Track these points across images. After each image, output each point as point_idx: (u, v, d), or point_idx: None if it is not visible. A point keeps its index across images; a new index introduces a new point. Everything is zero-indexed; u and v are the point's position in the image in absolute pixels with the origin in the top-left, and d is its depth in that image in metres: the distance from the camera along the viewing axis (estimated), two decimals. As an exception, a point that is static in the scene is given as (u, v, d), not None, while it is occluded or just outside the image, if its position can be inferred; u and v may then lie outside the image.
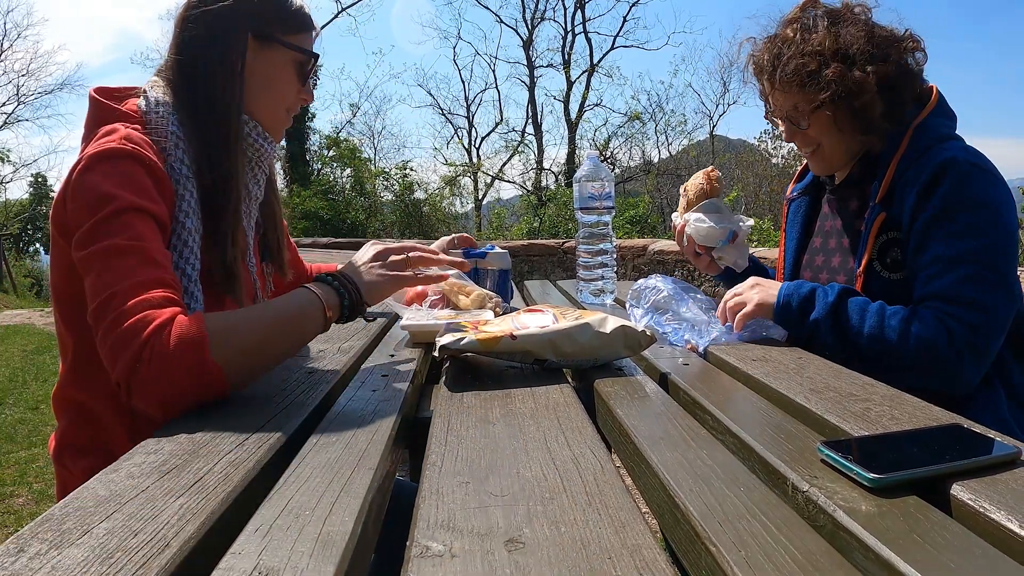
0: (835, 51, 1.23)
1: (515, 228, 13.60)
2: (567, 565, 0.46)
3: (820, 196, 1.48)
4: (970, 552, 0.48)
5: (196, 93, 1.09)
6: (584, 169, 1.61)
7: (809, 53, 1.24)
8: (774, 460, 0.65)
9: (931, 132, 1.23)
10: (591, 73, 19.71)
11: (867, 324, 1.14)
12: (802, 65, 1.24)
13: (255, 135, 1.16)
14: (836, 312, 1.16)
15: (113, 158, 0.95)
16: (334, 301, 0.98)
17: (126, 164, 0.96)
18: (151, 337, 0.81)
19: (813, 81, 1.23)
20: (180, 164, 1.04)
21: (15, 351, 5.64)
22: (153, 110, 1.06)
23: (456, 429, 0.75)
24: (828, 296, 1.18)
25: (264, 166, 1.22)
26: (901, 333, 1.11)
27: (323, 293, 0.97)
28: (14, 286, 16.02)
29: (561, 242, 6.44)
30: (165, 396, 0.81)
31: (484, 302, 1.33)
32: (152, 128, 1.05)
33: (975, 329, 1.10)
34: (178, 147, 1.05)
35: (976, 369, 1.13)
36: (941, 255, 1.14)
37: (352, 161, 15.28)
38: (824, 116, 1.27)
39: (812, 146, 1.33)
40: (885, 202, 1.24)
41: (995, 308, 1.12)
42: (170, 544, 0.49)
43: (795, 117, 1.31)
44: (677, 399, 0.90)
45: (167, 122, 1.06)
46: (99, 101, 1.08)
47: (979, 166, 1.16)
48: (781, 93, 1.30)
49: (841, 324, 1.15)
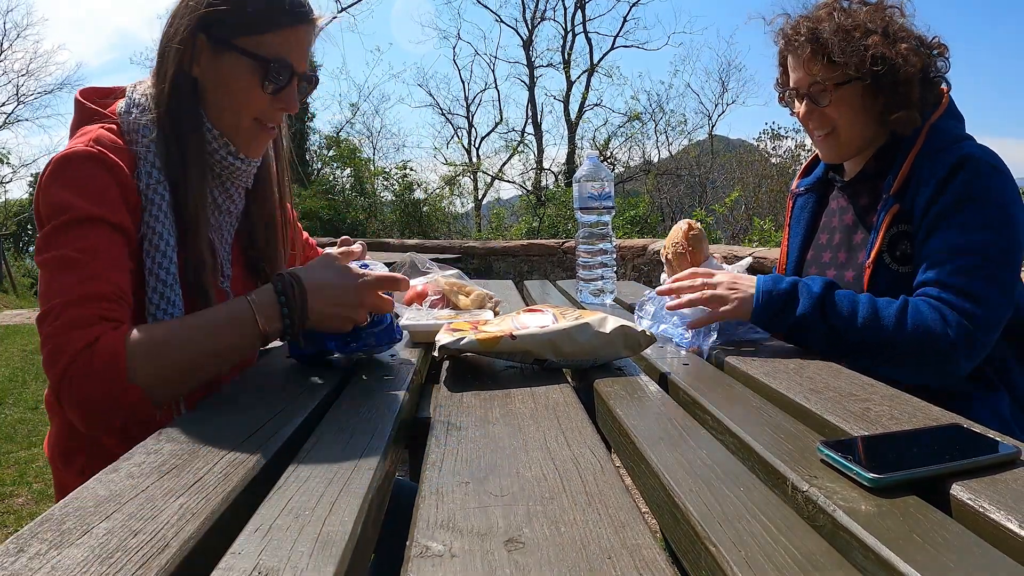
0: (877, 26, 1.23)
1: (515, 228, 13.59)
2: (567, 565, 0.46)
3: (827, 193, 1.47)
4: (970, 552, 0.48)
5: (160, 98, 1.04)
6: (584, 169, 1.61)
7: (850, 25, 1.23)
8: (774, 460, 0.65)
9: (946, 133, 1.23)
10: (591, 73, 19.71)
11: (860, 315, 1.10)
12: (843, 31, 1.22)
13: (219, 148, 1.08)
14: (823, 304, 1.11)
15: (76, 161, 0.94)
16: (272, 314, 0.91)
17: (88, 167, 0.94)
18: (74, 358, 0.83)
19: (854, 48, 1.21)
20: (151, 168, 1.01)
21: (15, 351, 5.64)
22: (128, 112, 1.04)
23: (456, 429, 0.75)
24: (813, 288, 1.13)
25: (239, 181, 1.15)
26: (897, 321, 1.09)
27: (260, 305, 0.91)
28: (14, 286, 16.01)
29: (561, 242, 6.44)
30: (86, 415, 0.84)
31: (484, 302, 1.33)
32: (126, 131, 1.02)
33: (970, 317, 1.09)
34: (150, 151, 1.01)
35: (969, 359, 1.11)
36: (945, 245, 1.15)
37: (352, 161, 15.27)
38: (850, 93, 1.25)
39: (827, 128, 1.31)
40: (899, 195, 1.23)
41: (988, 301, 1.11)
42: (170, 544, 0.49)
43: (817, 93, 1.28)
44: (677, 399, 0.90)
45: (139, 125, 1.02)
46: (83, 104, 1.07)
47: (996, 167, 1.17)
48: (808, 64, 1.27)
49: (830, 317, 1.11)
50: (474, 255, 6.65)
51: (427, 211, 14.22)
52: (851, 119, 1.28)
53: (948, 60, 1.28)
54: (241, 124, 1.08)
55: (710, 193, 14.19)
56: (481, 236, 13.50)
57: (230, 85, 1.05)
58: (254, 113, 1.07)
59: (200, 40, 1.03)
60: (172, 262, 1.00)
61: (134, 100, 1.05)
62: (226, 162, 1.10)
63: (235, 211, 1.17)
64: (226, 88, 1.05)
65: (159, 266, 0.99)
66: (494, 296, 1.36)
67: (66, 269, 0.88)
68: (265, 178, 1.22)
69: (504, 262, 6.57)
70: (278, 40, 1.04)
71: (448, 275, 1.43)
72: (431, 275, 1.44)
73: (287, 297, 0.92)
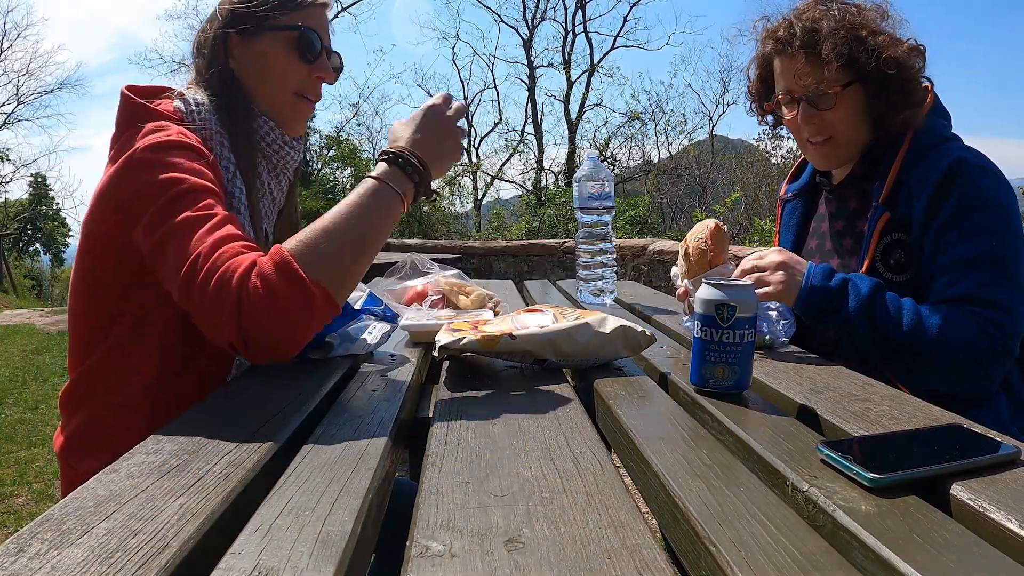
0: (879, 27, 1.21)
1: (514, 228, 13.59)
2: (567, 565, 0.46)
3: (815, 198, 1.46)
4: (970, 552, 0.48)
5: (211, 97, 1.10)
6: (584, 169, 1.61)
7: (857, 23, 1.19)
8: (774, 460, 0.65)
9: (932, 133, 1.22)
10: (591, 73, 19.72)
11: (905, 321, 1.09)
12: (852, 29, 1.18)
13: (272, 136, 1.15)
14: (871, 307, 1.10)
15: (175, 148, 0.98)
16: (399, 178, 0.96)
17: (187, 154, 0.98)
18: (242, 281, 0.82)
19: (865, 48, 1.17)
20: (227, 163, 1.07)
21: (15, 351, 5.64)
22: (195, 111, 1.08)
23: (456, 429, 0.75)
24: (861, 290, 1.11)
25: (287, 170, 1.21)
26: (940, 331, 1.07)
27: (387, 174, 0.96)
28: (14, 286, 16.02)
29: (561, 242, 6.43)
30: (280, 332, 0.84)
31: (484, 302, 1.33)
32: (197, 128, 1.06)
33: (1003, 329, 1.10)
34: (223, 145, 1.07)
35: (1002, 369, 1.12)
36: (961, 257, 1.13)
37: (352, 161, 15.29)
38: (855, 95, 1.22)
39: (826, 134, 1.26)
40: (889, 203, 1.22)
41: (1012, 309, 1.11)
42: (170, 544, 0.49)
43: (819, 96, 1.22)
44: (677, 399, 0.90)
45: (210, 122, 1.07)
46: (131, 99, 1.09)
47: (986, 168, 1.17)
48: (810, 64, 1.21)
49: (877, 321, 1.09)
50: (474, 255, 6.64)
51: (427, 211, 14.22)
52: (852, 123, 1.25)
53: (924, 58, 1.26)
54: (284, 100, 1.14)
55: (710, 193, 14.18)
56: (481, 236, 13.49)
57: (268, 63, 1.12)
58: (294, 86, 1.14)
59: (232, 38, 1.10)
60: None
61: (195, 99, 1.09)
62: (276, 146, 1.15)
63: (280, 200, 1.23)
64: (264, 67, 1.12)
65: None
66: (494, 296, 1.36)
67: (195, 227, 0.90)
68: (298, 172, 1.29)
69: (504, 262, 6.57)
70: (303, 15, 1.12)
71: (448, 275, 1.43)
72: (431, 275, 1.44)
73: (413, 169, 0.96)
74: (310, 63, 1.13)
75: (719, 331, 0.84)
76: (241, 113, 1.11)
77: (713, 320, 0.85)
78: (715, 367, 0.85)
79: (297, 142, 1.20)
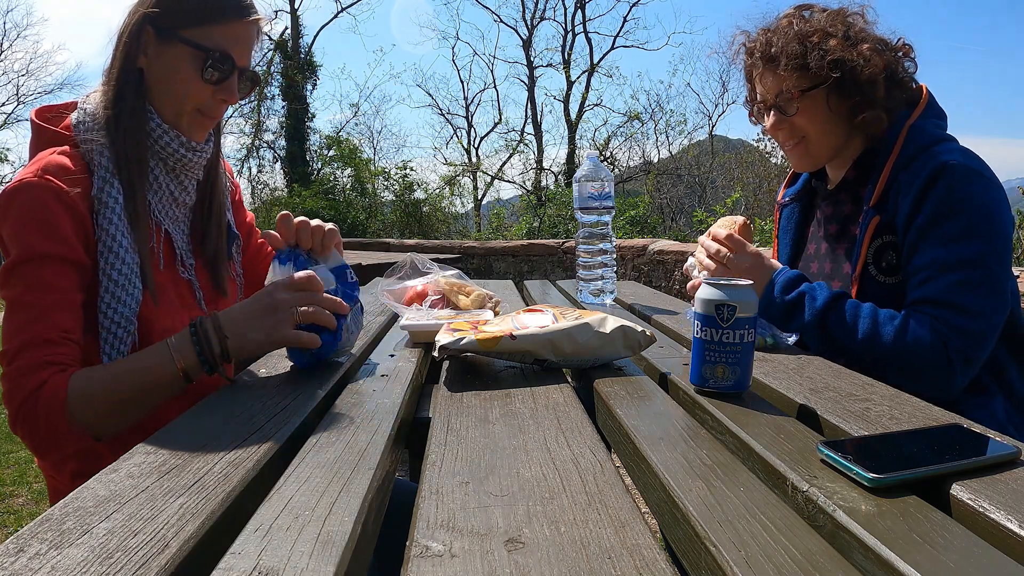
0: (837, 30, 1.23)
1: (515, 228, 13.58)
2: (567, 565, 0.46)
3: (812, 202, 1.47)
4: (970, 552, 0.48)
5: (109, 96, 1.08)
6: (584, 169, 1.61)
7: (809, 31, 1.24)
8: (774, 460, 0.65)
9: (925, 134, 1.22)
10: (591, 73, 19.71)
11: (860, 329, 1.14)
12: (802, 38, 1.23)
13: (167, 139, 1.11)
14: (825, 319, 1.17)
15: (23, 192, 0.98)
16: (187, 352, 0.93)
17: (36, 198, 0.98)
18: (23, 401, 0.92)
19: (815, 54, 1.21)
20: (105, 172, 1.04)
21: (15, 351, 5.64)
22: (80, 123, 1.07)
23: (456, 429, 0.75)
24: (817, 302, 1.18)
25: (192, 171, 1.18)
26: (895, 338, 1.12)
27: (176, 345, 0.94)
28: (14, 286, 16.00)
29: (561, 242, 6.43)
30: (37, 448, 0.96)
31: (484, 302, 1.33)
32: (81, 141, 1.05)
33: (966, 334, 1.10)
34: (103, 155, 1.05)
35: (965, 374, 1.13)
36: (934, 259, 1.14)
37: (352, 161, 15.28)
38: (816, 99, 1.25)
39: (797, 137, 1.31)
40: (879, 206, 1.23)
41: (985, 313, 1.12)
42: (170, 544, 0.49)
43: (784, 103, 1.28)
44: (677, 399, 0.90)
45: (92, 133, 1.06)
46: (38, 125, 1.09)
47: (974, 170, 1.15)
48: (772, 75, 1.28)
49: (831, 331, 1.17)
50: (474, 255, 6.64)
51: (427, 211, 14.21)
52: (820, 126, 1.28)
53: (915, 60, 1.28)
54: (183, 112, 1.12)
55: (710, 193, 14.17)
56: (481, 236, 13.48)
57: (173, 75, 1.09)
58: (196, 103, 1.11)
59: (148, 32, 1.07)
60: (124, 262, 1.03)
61: (86, 110, 1.09)
62: (178, 154, 1.13)
63: (189, 202, 1.21)
64: (170, 78, 1.09)
65: (111, 267, 1.02)
66: (494, 296, 1.36)
67: (18, 311, 0.96)
68: (214, 168, 1.25)
69: (504, 262, 6.57)
70: (221, 32, 1.08)
71: (448, 275, 1.43)
72: (431, 275, 1.44)
73: (199, 336, 0.94)
74: (215, 86, 1.10)
75: (719, 331, 0.84)
76: (136, 119, 1.08)
77: (713, 320, 0.85)
78: (715, 367, 0.85)
79: (201, 145, 1.16)
